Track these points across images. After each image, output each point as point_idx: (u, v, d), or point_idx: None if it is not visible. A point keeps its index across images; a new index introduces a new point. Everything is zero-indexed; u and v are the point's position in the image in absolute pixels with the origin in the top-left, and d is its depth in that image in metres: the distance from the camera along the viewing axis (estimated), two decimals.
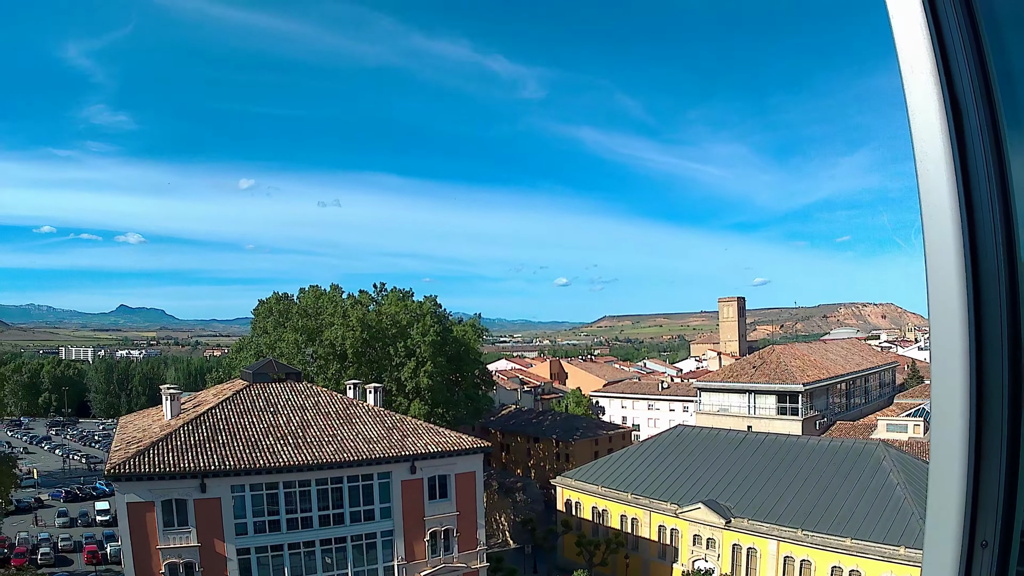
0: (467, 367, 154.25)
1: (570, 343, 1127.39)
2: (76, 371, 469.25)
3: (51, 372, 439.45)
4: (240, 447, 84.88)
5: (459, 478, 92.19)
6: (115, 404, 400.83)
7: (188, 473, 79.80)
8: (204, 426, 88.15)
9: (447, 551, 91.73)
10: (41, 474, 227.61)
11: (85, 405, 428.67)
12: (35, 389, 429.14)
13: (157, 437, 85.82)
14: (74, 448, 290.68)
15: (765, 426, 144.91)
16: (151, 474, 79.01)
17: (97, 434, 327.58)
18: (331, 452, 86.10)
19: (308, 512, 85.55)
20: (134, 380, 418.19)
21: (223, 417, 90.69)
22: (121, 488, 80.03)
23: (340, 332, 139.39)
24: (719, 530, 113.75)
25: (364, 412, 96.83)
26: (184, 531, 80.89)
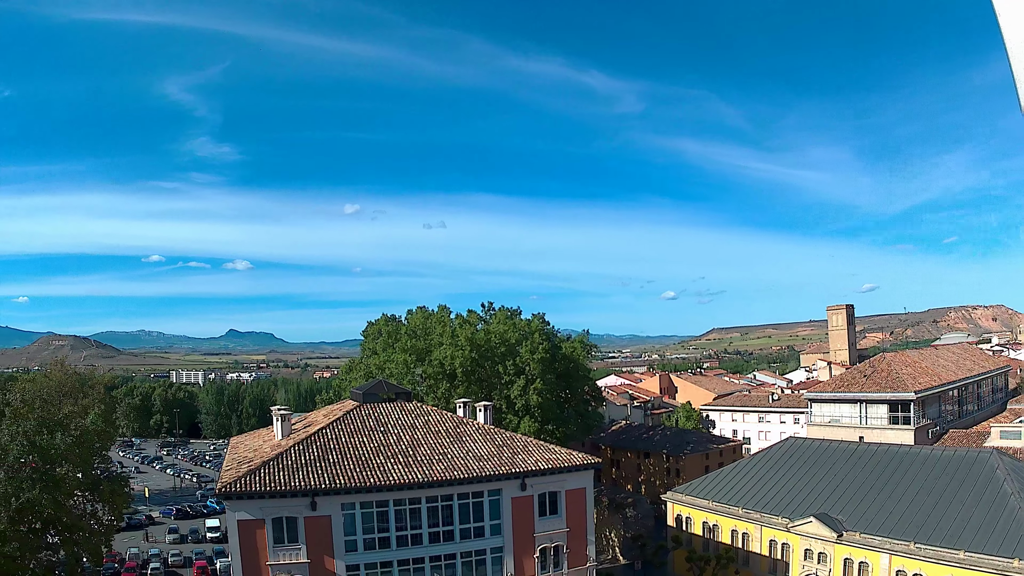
0: (576, 383, 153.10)
1: (679, 357, 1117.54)
2: (187, 394, 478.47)
3: (162, 395, 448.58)
4: (351, 466, 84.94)
5: (569, 494, 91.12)
6: (226, 425, 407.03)
7: (299, 491, 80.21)
8: (315, 446, 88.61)
9: (556, 567, 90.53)
10: (153, 492, 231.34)
11: (196, 426, 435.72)
12: (147, 411, 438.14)
13: (268, 456, 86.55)
14: (185, 467, 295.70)
15: (877, 436, 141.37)
16: (262, 492, 79.71)
17: (208, 454, 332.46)
18: (442, 470, 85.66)
19: (418, 529, 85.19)
20: (244, 402, 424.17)
21: (334, 437, 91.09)
22: (232, 506, 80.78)
23: (449, 352, 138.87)
24: (830, 544, 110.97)
25: (474, 430, 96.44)
26: (294, 548, 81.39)
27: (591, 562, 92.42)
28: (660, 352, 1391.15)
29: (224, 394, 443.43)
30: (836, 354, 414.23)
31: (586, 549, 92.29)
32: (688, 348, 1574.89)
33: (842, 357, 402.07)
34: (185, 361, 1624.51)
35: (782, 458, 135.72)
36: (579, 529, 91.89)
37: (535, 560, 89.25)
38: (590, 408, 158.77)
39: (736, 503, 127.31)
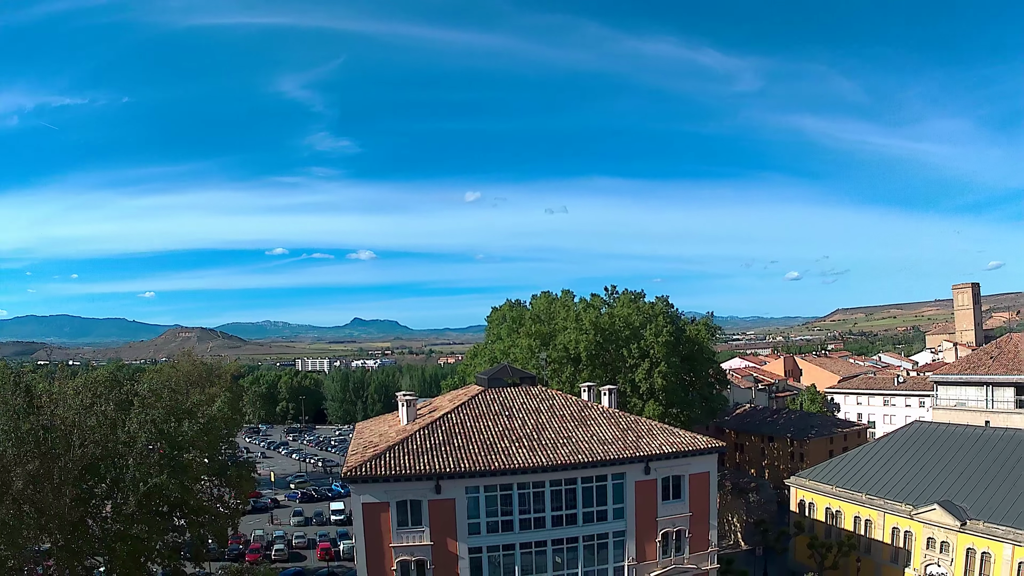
0: (701, 366, 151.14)
1: (803, 338, 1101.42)
2: (313, 381, 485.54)
3: (288, 383, 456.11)
4: (475, 450, 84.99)
5: (693, 478, 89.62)
6: (351, 411, 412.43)
7: (423, 475, 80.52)
8: (440, 430, 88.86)
9: (678, 552, 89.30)
10: (278, 477, 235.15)
11: (322, 413, 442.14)
12: (273, 399, 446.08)
13: (393, 441, 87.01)
14: (310, 453, 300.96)
15: (1003, 421, 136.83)
16: (387, 476, 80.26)
17: (333, 439, 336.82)
18: (566, 454, 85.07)
19: (541, 513, 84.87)
20: (369, 388, 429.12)
21: (459, 421, 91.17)
22: (357, 489, 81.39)
23: (573, 336, 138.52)
24: (953, 533, 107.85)
25: (599, 414, 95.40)
26: (417, 530, 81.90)
27: (712, 547, 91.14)
28: (784, 334, 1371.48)
29: (349, 381, 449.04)
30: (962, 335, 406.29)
31: (708, 534, 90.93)
32: (812, 329, 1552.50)
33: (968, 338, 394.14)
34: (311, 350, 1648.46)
35: (907, 443, 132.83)
36: (702, 514, 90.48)
37: (657, 544, 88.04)
38: (714, 391, 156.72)
39: (859, 489, 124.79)
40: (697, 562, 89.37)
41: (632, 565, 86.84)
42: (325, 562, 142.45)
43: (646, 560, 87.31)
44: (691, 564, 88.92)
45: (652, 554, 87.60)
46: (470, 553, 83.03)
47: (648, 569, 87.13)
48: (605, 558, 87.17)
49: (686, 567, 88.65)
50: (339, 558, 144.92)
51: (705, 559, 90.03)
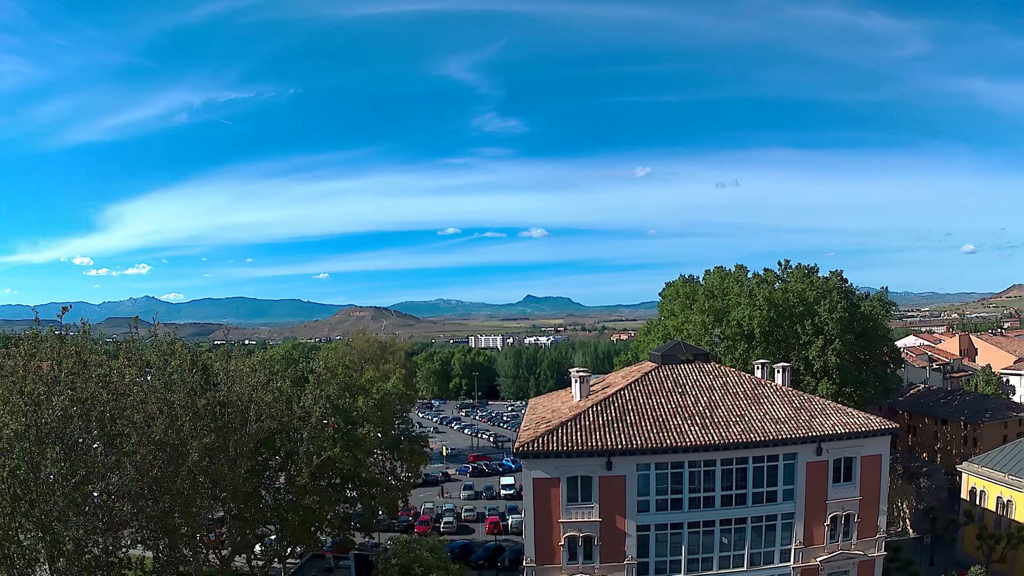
0: (875, 344, 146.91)
1: (979, 315, 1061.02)
2: (486, 358, 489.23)
3: (461, 359, 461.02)
4: (647, 427, 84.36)
5: (865, 461, 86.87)
6: (524, 387, 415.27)
7: (595, 451, 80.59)
8: (612, 406, 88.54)
9: (846, 537, 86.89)
10: (450, 451, 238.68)
11: (494, 389, 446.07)
12: (446, 375, 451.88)
13: (566, 417, 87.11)
14: (482, 428, 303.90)
15: None
16: (558, 452, 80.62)
17: (505, 415, 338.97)
18: (738, 432, 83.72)
19: (711, 492, 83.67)
20: (542, 365, 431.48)
21: (631, 398, 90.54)
22: (528, 464, 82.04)
23: (747, 312, 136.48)
24: None
25: (772, 392, 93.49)
26: (587, 506, 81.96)
27: (880, 533, 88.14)
28: (959, 310, 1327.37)
29: (522, 357, 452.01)
30: None
31: (877, 519, 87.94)
32: (988, 306, 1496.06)
33: None
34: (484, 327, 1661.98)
35: None
36: (872, 498, 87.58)
37: (825, 528, 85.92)
38: (888, 370, 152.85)
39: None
40: (864, 548, 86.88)
41: (799, 549, 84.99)
42: (493, 536, 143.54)
43: (813, 544, 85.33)
44: (858, 550, 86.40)
45: (819, 538, 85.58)
46: (638, 531, 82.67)
47: (815, 553, 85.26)
48: (772, 540, 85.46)
49: (852, 553, 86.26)
50: (507, 532, 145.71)
51: (872, 545, 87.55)
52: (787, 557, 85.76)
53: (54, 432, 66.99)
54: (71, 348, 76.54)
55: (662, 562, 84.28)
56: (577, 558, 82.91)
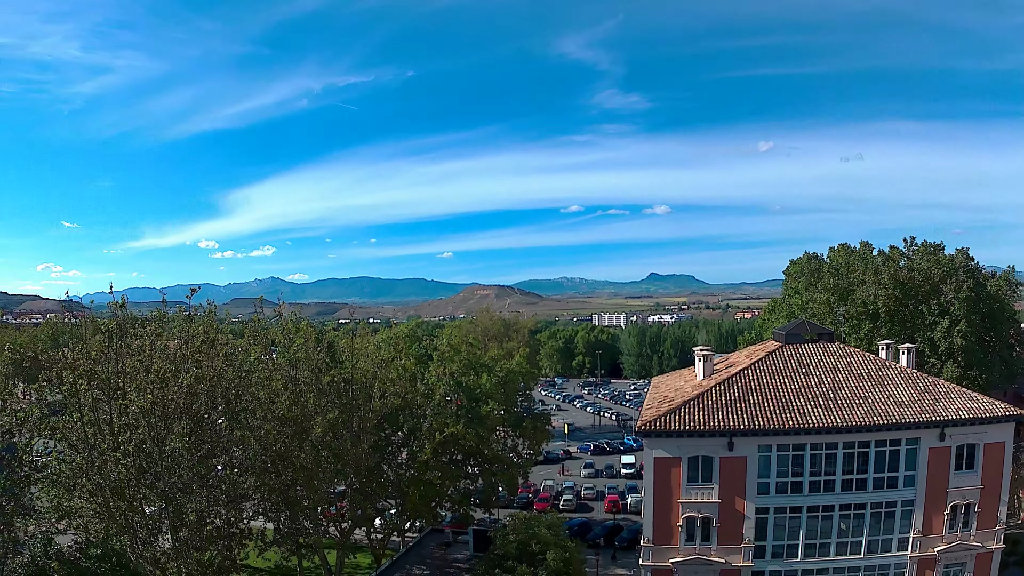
0: (1001, 326, 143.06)
1: None
2: (609, 336, 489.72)
3: (585, 338, 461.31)
4: (770, 408, 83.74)
5: (988, 448, 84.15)
6: (646, 366, 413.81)
7: (718, 431, 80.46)
8: (735, 386, 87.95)
9: (965, 527, 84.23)
10: (572, 429, 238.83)
11: (617, 367, 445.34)
12: (569, 353, 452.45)
13: (689, 396, 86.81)
14: (605, 406, 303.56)
15: None
16: (680, 431, 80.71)
17: (628, 393, 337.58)
18: (861, 415, 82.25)
19: (832, 476, 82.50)
20: (665, 343, 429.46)
21: (755, 378, 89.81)
22: (650, 444, 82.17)
23: (872, 290, 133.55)
24: None
25: (896, 374, 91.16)
26: (707, 487, 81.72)
27: (1000, 525, 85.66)
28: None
29: (645, 336, 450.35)
30: None
31: (998, 510, 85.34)
32: None
33: None
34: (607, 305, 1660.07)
35: None
36: (993, 487, 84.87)
37: (944, 517, 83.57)
38: (1014, 354, 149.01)
39: None
40: (983, 539, 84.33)
41: (917, 537, 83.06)
42: (612, 514, 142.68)
43: (932, 533, 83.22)
44: (976, 541, 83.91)
45: (938, 527, 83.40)
46: (756, 513, 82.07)
47: (933, 543, 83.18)
48: (891, 528, 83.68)
49: (971, 544, 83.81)
50: (625, 511, 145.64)
51: (991, 537, 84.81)
52: (905, 546, 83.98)
53: (180, 408, 69.25)
54: (198, 328, 78.97)
55: (779, 546, 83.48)
56: (695, 539, 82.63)
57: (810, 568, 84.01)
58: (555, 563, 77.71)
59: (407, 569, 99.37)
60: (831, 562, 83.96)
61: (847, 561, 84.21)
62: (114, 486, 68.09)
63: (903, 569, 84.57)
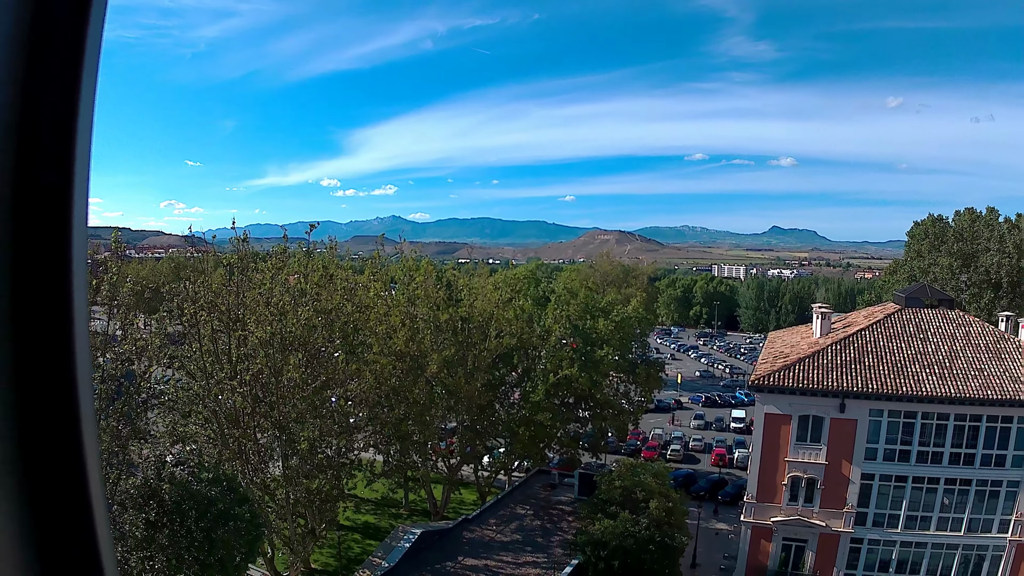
0: None
1: None
2: (728, 288, 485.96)
3: (703, 288, 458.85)
4: (884, 371, 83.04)
5: None
6: (763, 320, 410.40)
7: (830, 392, 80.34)
8: (852, 347, 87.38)
9: None
10: (685, 379, 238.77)
11: (734, 319, 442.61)
12: (687, 303, 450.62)
13: (804, 354, 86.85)
14: (719, 359, 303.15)
15: None
16: (793, 388, 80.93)
17: (743, 347, 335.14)
18: (977, 387, 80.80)
19: (940, 447, 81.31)
20: (784, 298, 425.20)
21: (871, 339, 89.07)
22: (762, 399, 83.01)
23: (996, 259, 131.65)
24: None
25: (1015, 348, 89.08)
26: (815, 448, 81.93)
27: None
28: None
29: (764, 289, 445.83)
30: None
31: None
32: None
33: None
34: (727, 256, 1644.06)
35: None
36: None
37: None
38: None
39: None
40: None
41: (1020, 521, 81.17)
42: (717, 468, 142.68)
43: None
44: None
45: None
46: (862, 479, 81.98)
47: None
48: (994, 508, 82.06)
49: None
50: (731, 465, 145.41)
51: None
52: (1006, 528, 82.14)
53: (298, 340, 71.22)
54: (318, 263, 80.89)
55: (881, 515, 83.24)
56: (798, 499, 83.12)
57: (909, 540, 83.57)
58: (657, 512, 78.25)
59: (511, 507, 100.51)
60: (931, 536, 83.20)
61: (947, 537, 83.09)
62: (229, 413, 70.63)
63: (1001, 552, 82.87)
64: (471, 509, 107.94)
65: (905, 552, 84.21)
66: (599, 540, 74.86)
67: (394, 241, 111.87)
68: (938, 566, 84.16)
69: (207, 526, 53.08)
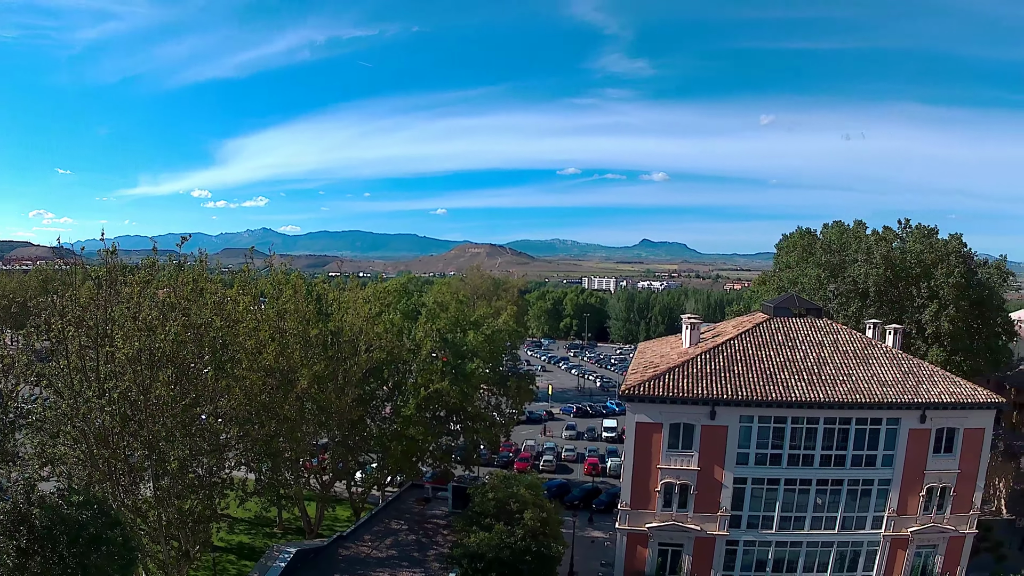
0: (989, 314, 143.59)
1: None
2: (598, 300, 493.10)
3: (574, 300, 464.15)
4: (754, 379, 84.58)
5: (967, 433, 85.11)
6: (633, 331, 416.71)
7: (699, 399, 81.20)
8: (721, 356, 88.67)
9: (940, 510, 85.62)
10: (556, 390, 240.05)
11: (604, 331, 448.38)
12: (557, 315, 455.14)
13: (674, 363, 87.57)
14: (590, 369, 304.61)
15: None
16: (663, 397, 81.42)
17: (613, 358, 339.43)
18: (844, 392, 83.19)
19: (811, 450, 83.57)
20: (654, 310, 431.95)
21: (740, 348, 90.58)
22: (633, 408, 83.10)
23: (863, 269, 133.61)
24: None
25: (881, 354, 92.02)
26: (687, 454, 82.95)
27: (975, 510, 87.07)
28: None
29: (634, 301, 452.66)
30: None
31: (973, 495, 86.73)
32: None
33: None
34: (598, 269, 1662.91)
35: None
36: (970, 472, 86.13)
37: (920, 499, 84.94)
38: (1000, 342, 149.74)
39: None
40: (956, 523, 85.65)
41: (892, 517, 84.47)
42: (591, 477, 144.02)
43: (906, 514, 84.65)
44: (950, 524, 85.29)
45: (913, 508, 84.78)
46: (735, 483, 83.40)
47: (907, 523, 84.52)
48: (866, 506, 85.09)
49: (944, 527, 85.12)
50: (605, 474, 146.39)
51: (964, 521, 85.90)
52: (879, 524, 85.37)
53: (166, 356, 69.59)
54: (188, 276, 79.32)
55: (755, 517, 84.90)
56: (672, 505, 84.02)
57: (784, 540, 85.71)
58: (532, 523, 78.32)
59: (385, 523, 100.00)
60: (806, 535, 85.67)
61: (821, 536, 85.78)
62: (98, 433, 68.61)
63: (876, 547, 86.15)
64: (346, 526, 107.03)
65: (781, 551, 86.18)
66: (475, 553, 74.65)
67: (264, 254, 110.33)
68: (814, 563, 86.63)
69: (79, 551, 51.82)
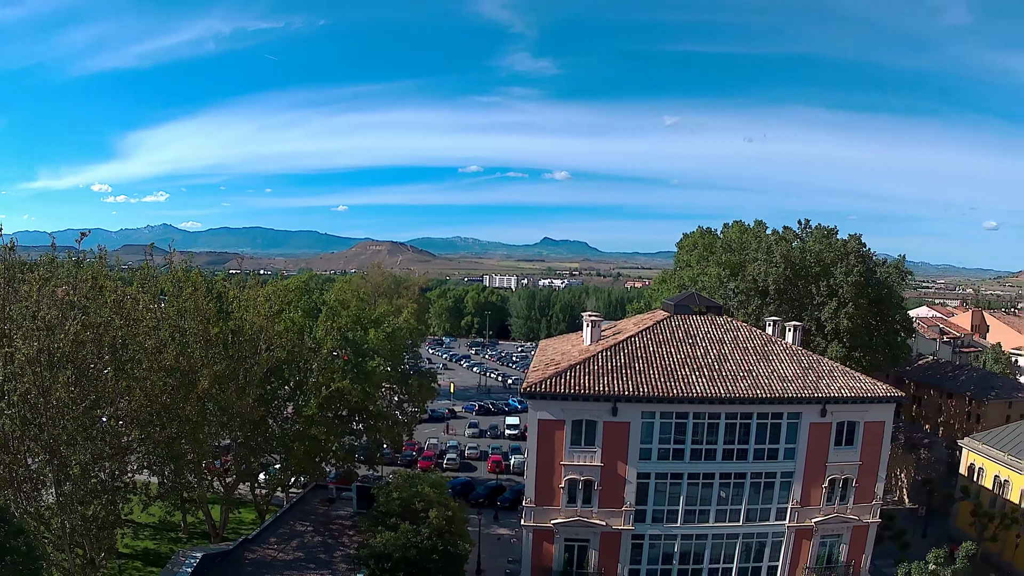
0: (887, 311, 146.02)
1: (993, 293, 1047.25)
2: (499, 298, 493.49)
3: (475, 298, 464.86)
4: (655, 375, 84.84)
5: (868, 426, 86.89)
6: (535, 329, 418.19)
7: (601, 396, 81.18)
8: (623, 353, 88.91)
9: (843, 500, 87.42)
10: (458, 388, 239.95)
11: (506, 329, 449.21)
12: (459, 313, 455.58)
13: (575, 360, 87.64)
14: (491, 367, 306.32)
15: None
16: (565, 394, 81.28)
17: (515, 355, 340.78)
18: (745, 387, 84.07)
19: (713, 445, 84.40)
20: (555, 307, 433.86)
21: (641, 345, 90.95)
22: (535, 405, 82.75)
23: (763, 268, 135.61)
24: None
25: (781, 350, 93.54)
26: (590, 451, 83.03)
27: (877, 500, 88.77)
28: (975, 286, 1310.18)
29: (535, 299, 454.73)
30: None
31: (875, 486, 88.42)
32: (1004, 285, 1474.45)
33: None
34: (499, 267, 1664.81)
35: None
36: (872, 464, 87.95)
37: (823, 490, 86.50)
38: (899, 339, 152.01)
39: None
40: (859, 513, 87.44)
41: (795, 508, 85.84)
42: (495, 474, 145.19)
43: (810, 505, 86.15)
44: (853, 515, 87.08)
45: (816, 499, 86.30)
46: (638, 478, 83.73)
47: (810, 514, 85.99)
48: (770, 498, 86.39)
49: (848, 517, 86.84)
50: (509, 472, 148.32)
51: (868, 511, 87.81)
52: (783, 516, 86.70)
53: (66, 357, 67.87)
54: (87, 274, 77.43)
55: (659, 511, 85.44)
56: (576, 501, 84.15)
57: (689, 533, 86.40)
58: (438, 521, 78.00)
59: (290, 524, 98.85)
60: (710, 528, 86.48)
61: (726, 528, 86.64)
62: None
63: (781, 538, 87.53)
64: (251, 529, 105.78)
65: (687, 544, 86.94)
66: (382, 553, 74.27)
67: (164, 251, 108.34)
68: (720, 555, 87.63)
69: None
